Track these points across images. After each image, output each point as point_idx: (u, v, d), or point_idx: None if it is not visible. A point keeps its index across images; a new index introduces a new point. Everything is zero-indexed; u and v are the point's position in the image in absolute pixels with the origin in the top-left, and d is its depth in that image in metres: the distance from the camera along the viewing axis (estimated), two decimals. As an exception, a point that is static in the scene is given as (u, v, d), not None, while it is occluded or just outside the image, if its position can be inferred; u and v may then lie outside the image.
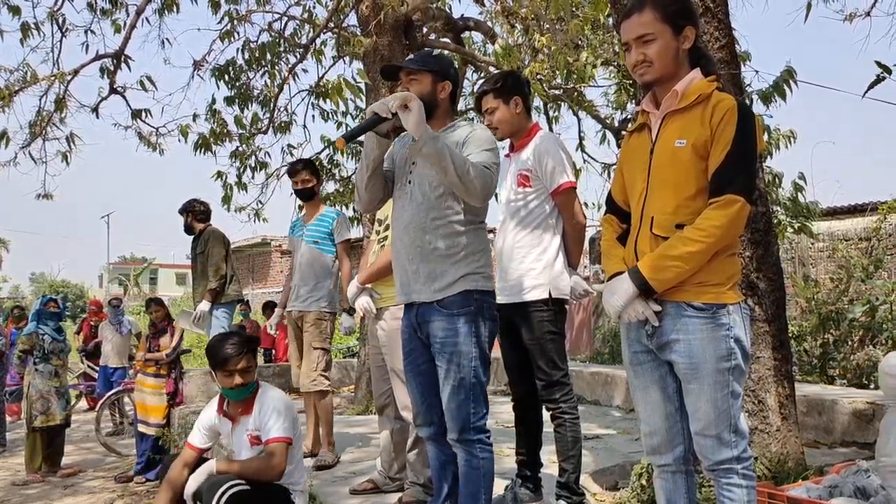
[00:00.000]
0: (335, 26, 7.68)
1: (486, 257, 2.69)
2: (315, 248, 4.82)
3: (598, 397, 6.88)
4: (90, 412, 9.23)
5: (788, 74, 5.17)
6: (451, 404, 2.61)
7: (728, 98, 2.15)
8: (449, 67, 2.81)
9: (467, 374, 2.59)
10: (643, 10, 2.19)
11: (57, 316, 6.56)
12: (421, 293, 2.66)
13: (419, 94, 2.66)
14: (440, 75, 2.74)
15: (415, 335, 2.73)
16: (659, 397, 2.28)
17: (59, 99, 7.84)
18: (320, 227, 4.86)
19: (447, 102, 2.79)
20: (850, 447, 4.42)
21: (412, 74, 2.73)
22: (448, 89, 2.76)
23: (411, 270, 2.68)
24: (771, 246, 3.50)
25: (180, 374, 6.45)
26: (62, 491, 5.74)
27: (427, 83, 2.72)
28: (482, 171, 2.54)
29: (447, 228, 2.63)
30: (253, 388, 3.36)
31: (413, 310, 2.72)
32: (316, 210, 4.98)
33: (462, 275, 2.61)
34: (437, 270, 2.62)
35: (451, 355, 2.59)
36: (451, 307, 2.60)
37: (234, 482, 3.13)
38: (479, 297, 2.63)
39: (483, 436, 2.63)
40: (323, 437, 4.70)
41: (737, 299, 2.18)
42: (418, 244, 2.65)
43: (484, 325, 2.64)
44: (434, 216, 2.64)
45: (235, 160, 8.81)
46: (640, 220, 2.25)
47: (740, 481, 2.16)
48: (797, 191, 6.64)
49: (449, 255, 2.62)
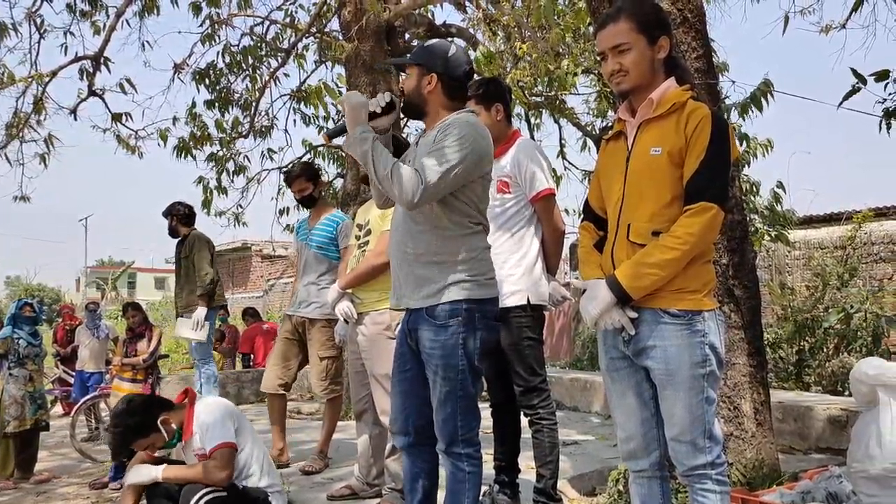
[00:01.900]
0: (317, 31, 7.68)
1: (480, 263, 2.56)
2: (319, 253, 4.64)
3: (577, 403, 6.90)
4: (65, 417, 9.11)
5: (766, 87, 5.24)
6: (439, 416, 2.55)
7: (702, 107, 2.18)
8: (439, 57, 2.61)
9: (454, 386, 2.52)
10: (618, 20, 2.22)
11: (32, 320, 6.46)
12: (409, 299, 2.58)
13: (408, 90, 2.63)
14: (425, 68, 2.60)
15: (406, 341, 2.66)
16: (635, 403, 2.30)
17: (37, 100, 7.76)
18: (325, 231, 4.67)
19: (439, 95, 2.61)
20: (825, 453, 4.47)
21: (408, 69, 2.67)
22: (434, 82, 2.59)
23: (401, 275, 2.61)
24: (747, 253, 3.54)
25: (157, 380, 6.39)
26: (35, 498, 5.64)
27: (414, 77, 2.63)
28: (406, 177, 2.40)
29: (433, 233, 2.53)
30: (175, 442, 3.43)
31: (406, 315, 2.65)
32: (321, 213, 4.75)
33: (450, 282, 2.50)
34: (423, 276, 2.54)
35: (437, 367, 2.52)
36: (439, 317, 2.50)
37: (209, 489, 3.12)
38: (471, 307, 2.50)
39: (471, 449, 2.56)
40: (320, 442, 4.66)
41: (712, 306, 2.20)
42: (404, 248, 2.59)
43: (474, 336, 2.52)
44: (419, 220, 2.55)
45: (214, 164, 8.75)
46: (616, 227, 2.27)
47: (714, 487, 2.18)
48: (776, 200, 6.73)
49: (436, 262, 2.52)
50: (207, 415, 3.35)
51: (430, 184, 2.40)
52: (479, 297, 2.53)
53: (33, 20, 7.70)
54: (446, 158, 2.43)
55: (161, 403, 3.48)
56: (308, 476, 4.39)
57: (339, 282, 3.73)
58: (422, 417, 2.63)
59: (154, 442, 3.38)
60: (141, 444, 3.38)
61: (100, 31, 7.97)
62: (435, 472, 2.69)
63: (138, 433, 3.35)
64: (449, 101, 2.63)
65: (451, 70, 2.61)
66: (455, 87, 2.64)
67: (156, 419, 3.35)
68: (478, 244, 2.59)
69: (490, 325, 2.58)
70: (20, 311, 6.38)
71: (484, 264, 2.59)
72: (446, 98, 2.63)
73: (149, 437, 3.36)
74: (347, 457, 4.87)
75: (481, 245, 2.60)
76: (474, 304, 2.52)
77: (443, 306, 2.50)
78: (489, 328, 2.58)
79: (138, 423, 3.35)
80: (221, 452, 3.26)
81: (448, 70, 2.61)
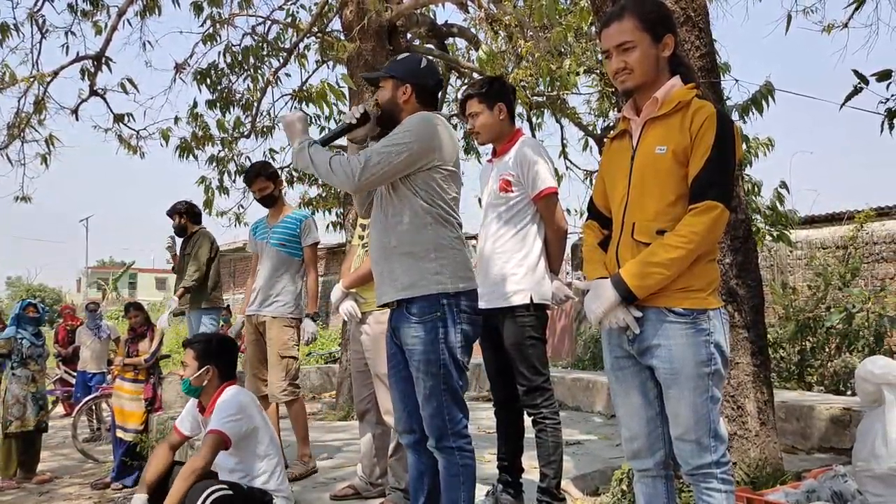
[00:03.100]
0: (319, 31, 7.66)
1: (453, 254, 2.62)
2: (282, 251, 4.57)
3: (580, 403, 6.89)
4: (67, 418, 9.11)
5: (767, 89, 5.22)
6: (426, 412, 2.59)
7: (707, 105, 2.18)
8: (412, 68, 2.76)
9: (437, 381, 2.55)
10: (623, 18, 2.21)
11: (36, 321, 6.51)
12: (387, 294, 2.65)
13: (383, 100, 2.74)
14: (399, 79, 2.72)
15: (392, 340, 2.71)
16: (640, 402, 2.29)
17: (38, 100, 7.75)
18: (287, 228, 4.61)
19: (413, 104, 2.73)
20: (828, 452, 4.46)
21: (381, 82, 2.78)
22: (409, 92, 2.71)
23: (378, 272, 2.69)
24: (750, 253, 3.54)
25: (159, 380, 6.40)
26: (37, 498, 5.66)
27: (388, 88, 2.74)
28: (343, 162, 2.55)
29: (405, 225, 2.61)
30: (186, 386, 3.49)
31: (391, 313, 2.71)
32: (280, 212, 4.71)
33: (425, 275, 2.56)
34: (398, 270, 2.61)
35: (418, 363, 2.57)
36: (417, 313, 2.56)
37: (216, 486, 3.12)
38: (448, 300, 2.56)
39: (462, 442, 2.59)
40: (299, 447, 4.50)
41: (717, 305, 2.20)
42: (381, 243, 2.67)
43: (454, 329, 2.56)
44: (392, 212, 2.64)
45: (216, 164, 8.74)
46: (621, 226, 2.26)
47: (719, 486, 2.17)
48: (779, 200, 6.71)
49: (409, 254, 2.59)
50: (226, 401, 3.40)
51: (369, 163, 2.52)
52: (456, 291, 2.58)
53: (35, 20, 7.70)
54: (390, 142, 2.57)
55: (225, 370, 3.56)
56: (310, 477, 4.38)
57: (342, 281, 3.72)
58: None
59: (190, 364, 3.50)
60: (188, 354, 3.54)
61: (101, 30, 7.96)
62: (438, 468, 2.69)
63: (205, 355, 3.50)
64: (422, 108, 2.74)
65: (423, 80, 2.75)
66: (428, 95, 2.77)
67: (206, 364, 3.46)
68: (449, 236, 2.64)
69: (471, 318, 2.64)
70: (24, 311, 6.42)
71: (458, 255, 2.64)
72: (420, 106, 2.74)
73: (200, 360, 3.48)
74: (350, 457, 4.87)
75: (453, 236, 2.65)
76: (451, 298, 2.57)
77: (419, 301, 2.56)
78: (471, 322, 2.63)
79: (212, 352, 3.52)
80: (209, 438, 3.29)
81: (420, 80, 2.74)
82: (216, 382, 3.48)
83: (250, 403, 3.49)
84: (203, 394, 3.49)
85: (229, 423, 3.31)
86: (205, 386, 3.47)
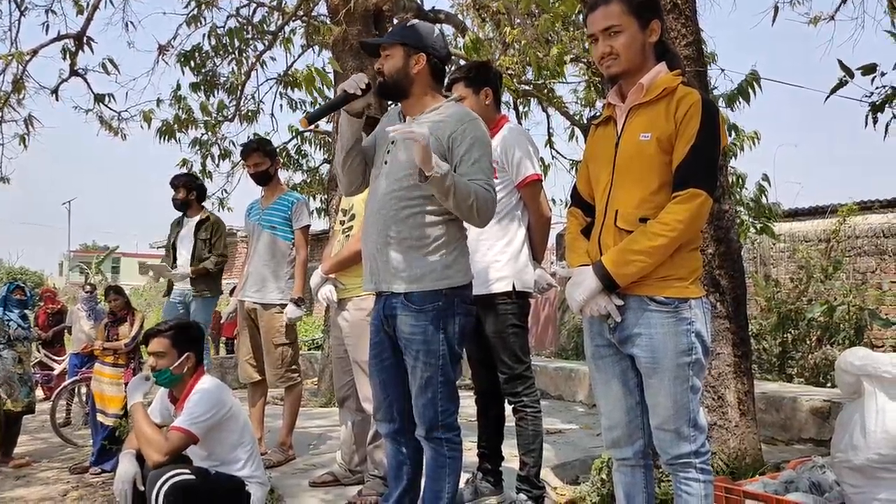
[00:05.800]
0: (304, 14, 7.58)
1: (460, 250, 2.58)
2: (273, 233, 4.49)
3: (562, 392, 6.91)
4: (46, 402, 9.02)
5: (753, 77, 5.22)
6: (419, 402, 2.53)
7: (693, 92, 2.16)
8: (426, 35, 2.57)
9: (435, 372, 2.50)
10: (610, 2, 2.19)
11: (23, 304, 6.58)
12: (389, 283, 2.54)
13: (391, 70, 2.55)
14: (413, 47, 2.53)
15: (382, 328, 2.62)
16: (620, 391, 2.28)
17: (17, 80, 7.62)
18: (278, 211, 4.52)
19: (426, 76, 2.56)
20: (807, 444, 4.49)
21: (386, 50, 2.58)
22: (423, 62, 2.53)
23: (380, 260, 2.56)
24: (733, 244, 3.53)
25: (139, 365, 6.33)
26: (14, 482, 5.58)
27: (399, 57, 2.54)
28: (485, 200, 2.44)
29: (417, 219, 2.50)
30: (167, 376, 3.33)
31: (381, 301, 2.61)
32: (274, 193, 4.61)
33: (432, 269, 2.49)
34: (405, 261, 2.50)
35: (417, 353, 2.50)
36: (419, 303, 2.48)
37: (176, 471, 3.06)
38: (451, 293, 2.50)
39: (452, 434, 2.55)
40: (281, 433, 4.48)
41: (699, 294, 2.19)
42: (387, 232, 2.53)
43: (454, 322, 2.52)
44: (404, 205, 2.50)
45: (199, 148, 8.65)
46: (604, 213, 2.24)
47: (698, 475, 2.17)
48: (761, 192, 6.73)
49: (419, 247, 2.50)
50: (199, 399, 3.25)
51: (495, 198, 2.55)
52: (458, 284, 2.54)
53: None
54: (488, 166, 2.55)
55: (199, 357, 3.44)
56: (289, 463, 4.35)
57: (322, 266, 3.68)
58: (405, 404, 2.62)
59: (163, 352, 3.33)
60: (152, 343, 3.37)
61: (83, 10, 7.81)
62: (419, 459, 2.66)
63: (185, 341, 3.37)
64: (434, 82, 2.62)
65: (437, 49, 2.59)
66: (440, 68, 2.63)
67: (186, 351, 3.34)
68: (458, 231, 2.60)
69: (468, 309, 2.60)
70: (11, 293, 6.47)
71: (462, 250, 2.60)
72: (432, 79, 2.60)
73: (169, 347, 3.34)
74: (331, 444, 4.85)
75: (461, 233, 2.62)
76: (453, 291, 2.52)
77: (424, 293, 2.49)
78: (467, 313, 2.60)
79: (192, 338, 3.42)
80: (174, 434, 3.18)
81: (436, 49, 2.58)
82: (192, 370, 3.38)
83: (222, 395, 3.36)
84: (178, 382, 3.37)
85: (198, 424, 3.19)
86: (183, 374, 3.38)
